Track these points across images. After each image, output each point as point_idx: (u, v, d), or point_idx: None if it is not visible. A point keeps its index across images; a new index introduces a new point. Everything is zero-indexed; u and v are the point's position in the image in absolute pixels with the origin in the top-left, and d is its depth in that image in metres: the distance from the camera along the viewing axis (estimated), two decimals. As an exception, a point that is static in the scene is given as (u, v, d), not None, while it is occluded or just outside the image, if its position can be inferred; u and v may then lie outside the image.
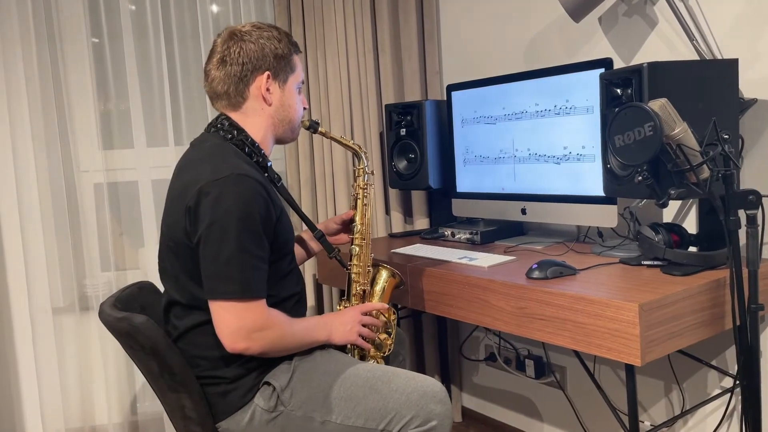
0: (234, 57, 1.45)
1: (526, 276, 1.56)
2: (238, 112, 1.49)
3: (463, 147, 2.22)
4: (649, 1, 1.82)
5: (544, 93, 1.91)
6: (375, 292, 1.68)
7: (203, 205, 1.31)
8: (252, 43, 1.45)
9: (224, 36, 1.47)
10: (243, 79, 1.46)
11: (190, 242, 1.35)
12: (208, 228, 1.31)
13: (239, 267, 1.31)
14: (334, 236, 1.82)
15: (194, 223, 1.33)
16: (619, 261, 1.64)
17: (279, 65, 1.48)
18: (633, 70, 1.48)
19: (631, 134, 1.38)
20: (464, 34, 2.44)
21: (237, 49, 1.44)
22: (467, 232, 2.10)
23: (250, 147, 1.47)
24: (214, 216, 1.30)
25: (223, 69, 1.46)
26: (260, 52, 1.45)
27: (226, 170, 1.33)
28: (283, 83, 1.50)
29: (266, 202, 1.36)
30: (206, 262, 1.32)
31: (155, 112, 2.47)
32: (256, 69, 1.46)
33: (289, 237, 1.50)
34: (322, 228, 1.78)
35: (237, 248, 1.30)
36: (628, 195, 1.57)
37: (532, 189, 1.99)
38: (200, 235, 1.32)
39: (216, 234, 1.30)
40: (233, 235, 1.30)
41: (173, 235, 1.39)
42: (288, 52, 1.50)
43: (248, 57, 1.45)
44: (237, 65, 1.45)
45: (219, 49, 1.46)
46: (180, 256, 1.39)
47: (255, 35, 1.46)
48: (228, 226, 1.30)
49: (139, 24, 2.42)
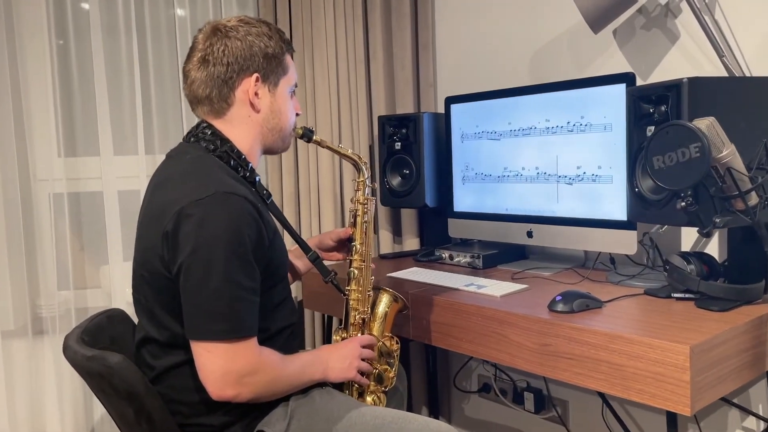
0: (217, 56, 1.26)
1: (549, 309, 1.41)
2: (221, 120, 1.30)
3: (462, 164, 2.07)
4: (671, 14, 1.72)
5: (556, 108, 1.78)
6: (376, 317, 1.51)
7: (184, 229, 1.13)
8: (239, 41, 1.26)
9: (206, 31, 1.28)
10: (228, 81, 1.27)
11: (169, 273, 1.16)
12: (190, 256, 1.12)
13: (227, 301, 1.12)
14: (327, 252, 1.64)
15: (173, 250, 1.14)
16: (644, 292, 1.51)
17: (269, 66, 1.30)
18: (670, 85, 1.36)
19: (674, 155, 1.25)
20: (462, 46, 2.30)
21: (221, 46, 1.26)
22: (468, 255, 1.94)
23: (236, 159, 1.29)
24: (197, 242, 1.11)
25: (204, 69, 1.26)
26: (248, 50, 1.27)
27: (210, 188, 1.15)
28: (273, 86, 1.32)
29: (257, 223, 1.18)
30: (188, 296, 1.13)
31: (124, 117, 2.25)
32: (243, 70, 1.27)
33: (283, 261, 1.32)
34: (314, 244, 1.60)
35: (224, 279, 1.12)
36: (659, 221, 1.44)
37: (539, 210, 1.86)
38: (180, 265, 1.13)
39: (199, 263, 1.11)
40: (220, 263, 1.11)
41: (148, 263, 1.20)
42: (280, 51, 1.32)
43: (234, 56, 1.26)
44: (221, 65, 1.26)
45: (200, 46, 1.27)
46: (156, 288, 1.20)
47: (242, 31, 1.28)
48: (213, 253, 1.11)
49: (108, 21, 2.21)
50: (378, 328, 1.51)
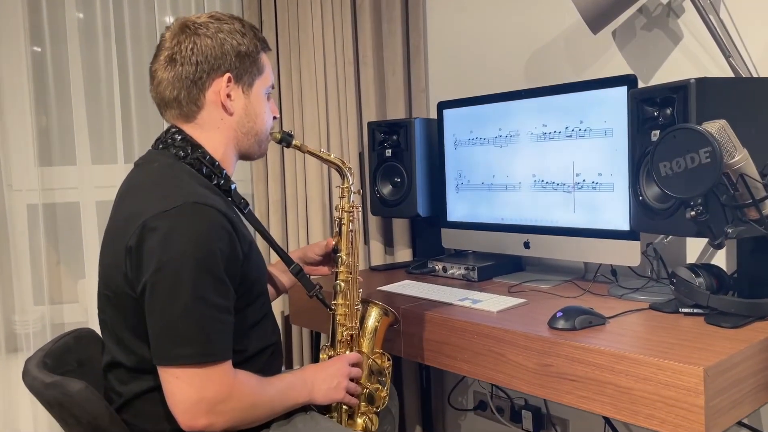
0: (186, 54, 1.16)
1: (549, 326, 1.32)
2: (192, 124, 1.21)
3: (456, 171, 1.98)
4: (673, 14, 1.64)
5: (554, 113, 1.70)
6: (366, 332, 1.41)
7: (149, 244, 1.03)
8: (209, 38, 1.17)
9: (174, 28, 1.19)
10: (197, 82, 1.17)
11: (133, 292, 1.06)
12: (155, 274, 1.02)
13: (197, 323, 1.03)
14: (312, 267, 1.54)
15: (137, 267, 1.04)
16: (649, 307, 1.42)
17: (242, 65, 1.20)
18: (676, 86, 1.28)
19: (682, 161, 1.17)
20: (454, 49, 2.22)
21: (189, 44, 1.16)
22: (462, 267, 1.85)
23: (208, 166, 1.19)
24: (163, 258, 1.02)
25: (172, 69, 1.17)
26: (219, 48, 1.17)
27: (178, 198, 1.06)
28: (247, 87, 1.23)
29: (230, 236, 1.08)
30: (154, 318, 1.04)
31: (103, 124, 2.16)
32: (214, 70, 1.18)
33: (260, 276, 1.23)
34: (297, 257, 1.51)
35: (193, 299, 1.02)
36: (666, 231, 1.35)
37: (537, 220, 1.77)
38: (145, 284, 1.03)
39: (166, 282, 1.02)
40: (188, 282, 1.02)
41: (111, 282, 1.10)
42: (254, 49, 1.22)
43: (203, 55, 1.16)
44: (189, 65, 1.16)
45: (167, 44, 1.18)
46: (121, 309, 1.10)
47: (212, 28, 1.18)
48: (181, 270, 1.02)
49: (86, 26, 2.12)
50: (368, 345, 1.41)
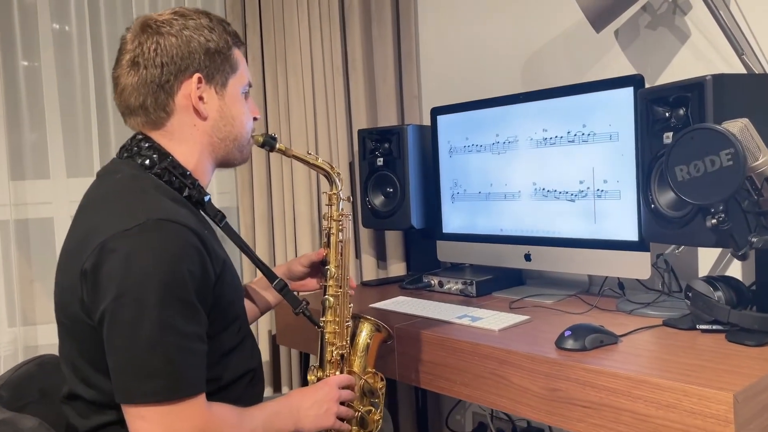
0: (149, 56, 1.05)
1: (556, 345, 1.21)
2: (160, 131, 1.09)
3: (451, 180, 1.88)
4: (679, 11, 1.55)
5: (555, 117, 1.60)
6: (357, 350, 1.30)
7: (108, 267, 0.92)
8: (173, 36, 1.05)
9: (135, 29, 1.08)
10: (164, 86, 1.06)
11: (90, 320, 0.95)
12: (115, 301, 0.91)
13: (164, 355, 0.91)
14: (299, 281, 1.43)
15: (95, 293, 0.93)
16: (663, 323, 1.32)
17: (213, 64, 1.09)
18: (690, 84, 1.18)
19: (701, 165, 1.07)
20: (448, 53, 2.12)
21: (152, 45, 1.05)
22: (459, 281, 1.74)
23: (179, 177, 1.07)
24: (123, 283, 0.91)
25: (135, 74, 1.05)
26: (185, 47, 1.06)
27: (140, 215, 0.94)
28: (221, 87, 1.11)
29: (201, 255, 0.97)
30: (115, 351, 0.92)
31: (78, 136, 2.05)
32: (182, 71, 1.06)
33: (235, 297, 1.11)
34: (283, 272, 1.40)
35: (159, 328, 0.91)
36: (681, 241, 1.25)
37: (538, 231, 1.66)
38: (104, 312, 0.92)
39: (128, 309, 0.90)
40: (153, 309, 0.90)
41: (67, 308, 0.99)
42: (225, 45, 1.11)
43: (169, 55, 1.05)
44: (154, 68, 1.05)
45: (129, 46, 1.06)
46: (78, 338, 0.99)
47: (177, 25, 1.07)
48: (144, 296, 0.90)
49: (60, 34, 2.01)
50: (359, 364, 1.30)
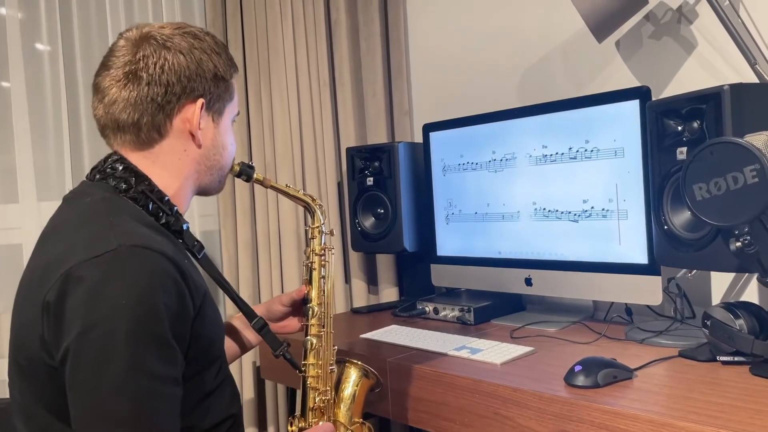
0: (154, 72, 0.94)
1: (566, 382, 1.10)
2: (143, 152, 0.98)
3: (445, 200, 1.78)
4: (684, 20, 1.46)
5: (555, 132, 1.51)
6: (342, 398, 1.19)
7: (73, 299, 0.80)
8: (182, 55, 0.96)
9: (134, 38, 0.97)
10: (165, 107, 0.96)
11: (51, 359, 0.83)
12: (80, 337, 0.79)
13: (133, 400, 0.80)
14: (279, 322, 1.32)
15: (57, 328, 0.81)
16: (678, 354, 1.21)
17: (217, 90, 1.00)
18: (705, 95, 1.09)
19: (722, 182, 0.97)
20: (440, 66, 2.03)
21: (158, 60, 0.95)
22: (456, 307, 1.63)
23: (156, 202, 0.97)
24: (90, 317, 0.79)
25: (134, 88, 0.95)
26: (195, 69, 0.96)
27: (111, 240, 0.83)
28: (218, 116, 1.02)
29: (178, 287, 0.85)
30: (78, 394, 0.80)
31: (49, 156, 1.93)
32: (186, 93, 0.96)
33: (216, 335, 0.99)
34: (262, 312, 1.28)
35: (128, 369, 0.79)
36: (698, 266, 1.15)
37: (539, 253, 1.56)
38: (67, 350, 0.80)
39: (94, 347, 0.79)
40: (122, 347, 0.79)
41: (24, 347, 0.87)
42: (227, 72, 1.02)
43: (177, 75, 0.95)
44: (158, 85, 0.94)
45: (127, 57, 0.95)
46: (35, 380, 0.86)
47: (186, 44, 0.97)
48: (114, 332, 0.79)
49: (30, 44, 1.91)
50: (345, 413, 1.19)
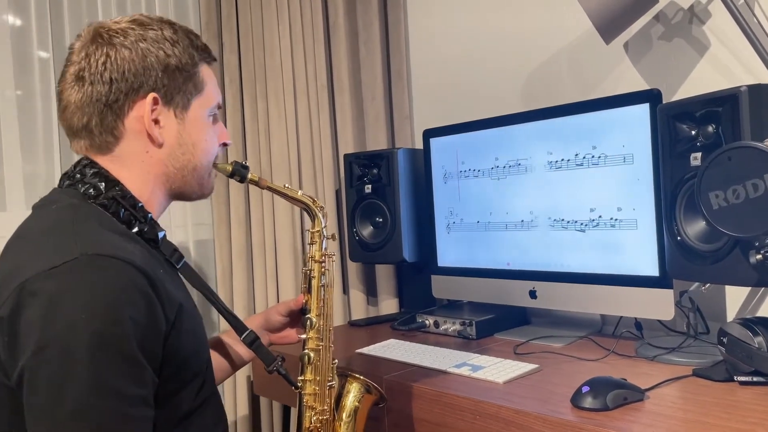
0: (96, 70, 0.89)
1: (573, 404, 1.03)
2: (108, 156, 0.93)
3: (446, 209, 1.71)
4: (696, 20, 1.40)
5: (561, 138, 1.44)
6: (343, 415, 1.12)
7: (28, 314, 0.74)
8: (126, 49, 0.90)
9: (84, 37, 0.92)
10: (112, 106, 0.90)
11: (7, 379, 0.77)
12: (36, 356, 0.73)
13: (96, 424, 0.73)
14: (276, 333, 1.25)
15: (12, 346, 0.75)
16: (692, 373, 1.14)
17: (173, 83, 0.93)
18: (721, 97, 1.02)
19: (741, 190, 0.90)
20: (441, 71, 1.97)
21: (101, 57, 0.89)
22: (457, 321, 1.56)
23: (128, 209, 0.90)
24: (45, 333, 0.73)
25: (80, 90, 0.89)
26: (140, 62, 0.90)
27: (73, 249, 0.77)
28: (182, 110, 0.95)
29: (148, 299, 0.79)
30: (36, 419, 0.74)
31: (38, 164, 1.88)
32: (134, 90, 0.90)
33: (195, 350, 0.92)
34: (258, 324, 1.22)
35: (90, 390, 0.73)
36: (713, 279, 1.08)
37: (544, 265, 1.49)
38: (23, 369, 0.74)
39: (51, 367, 0.73)
40: (82, 366, 0.73)
41: None
42: (189, 61, 0.95)
43: (120, 71, 0.89)
44: (101, 84, 0.89)
45: (75, 57, 0.91)
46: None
47: (133, 36, 0.91)
48: (72, 350, 0.73)
49: (19, 49, 1.86)
50: (346, 429, 1.12)
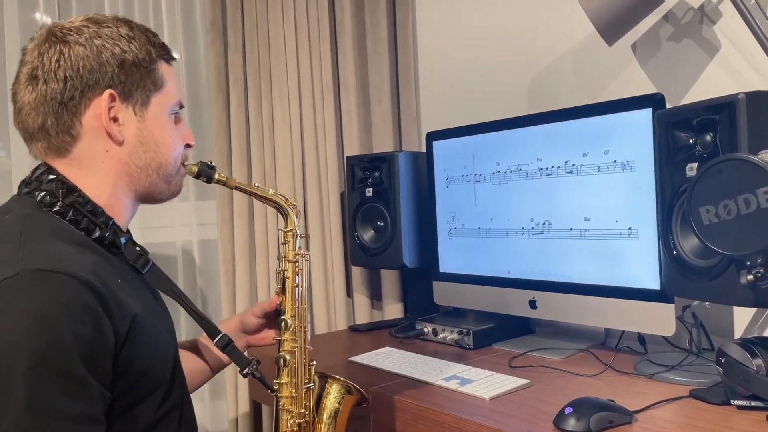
0: (50, 68, 0.87)
1: (555, 426, 0.99)
2: (66, 160, 0.90)
3: (448, 213, 1.67)
4: (707, 20, 1.33)
5: (563, 143, 1.39)
6: (323, 417, 1.09)
7: None
8: (81, 46, 0.88)
9: (39, 37, 0.91)
10: (67, 104, 0.88)
11: None
12: None
13: None
14: (253, 335, 1.23)
15: None
16: (689, 394, 1.08)
17: (130, 79, 0.91)
18: (718, 104, 0.96)
19: (732, 205, 0.85)
20: (450, 73, 1.93)
21: (54, 55, 0.88)
22: (455, 330, 1.52)
23: (87, 216, 0.89)
24: None
25: (34, 89, 0.88)
26: (94, 58, 0.88)
27: (15, 264, 0.76)
28: (141, 107, 0.93)
29: (93, 313, 0.76)
30: None
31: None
32: (90, 87, 0.88)
33: (154, 361, 0.88)
34: (234, 326, 1.20)
35: (30, 411, 0.71)
36: (708, 297, 1.02)
37: (544, 274, 1.44)
38: None
39: None
40: (20, 386, 0.71)
41: None
42: (147, 58, 0.93)
43: (74, 68, 0.87)
44: (55, 82, 0.87)
45: (28, 57, 0.90)
46: None
47: (87, 33, 0.89)
48: (9, 370, 0.71)
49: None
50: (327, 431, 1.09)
